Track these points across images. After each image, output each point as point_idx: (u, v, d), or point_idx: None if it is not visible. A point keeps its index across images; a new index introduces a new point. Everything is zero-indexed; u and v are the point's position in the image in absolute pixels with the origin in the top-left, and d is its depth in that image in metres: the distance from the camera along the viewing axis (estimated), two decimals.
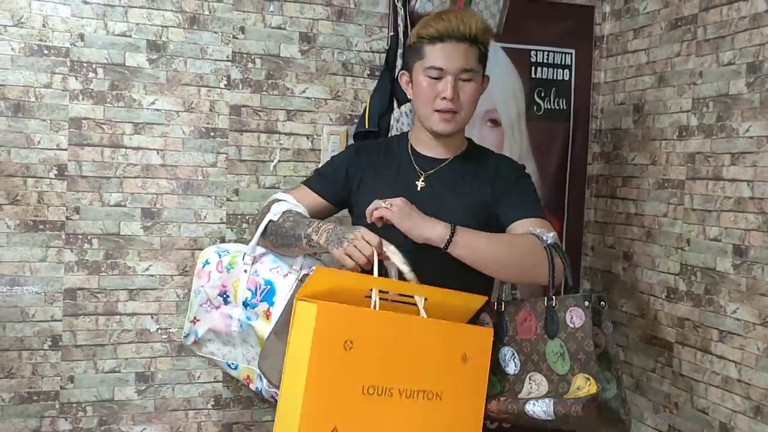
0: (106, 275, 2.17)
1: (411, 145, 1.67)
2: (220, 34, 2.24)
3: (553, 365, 1.40)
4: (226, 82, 2.25)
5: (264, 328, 1.62)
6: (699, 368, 2.15)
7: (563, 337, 1.39)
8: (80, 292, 2.15)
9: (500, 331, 1.47)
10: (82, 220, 2.14)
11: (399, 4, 2.31)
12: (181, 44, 2.20)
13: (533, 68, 2.57)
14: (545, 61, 2.59)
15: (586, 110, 2.65)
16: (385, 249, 1.39)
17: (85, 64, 2.11)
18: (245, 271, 1.66)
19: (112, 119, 2.15)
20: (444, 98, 1.53)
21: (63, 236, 2.13)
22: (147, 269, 2.21)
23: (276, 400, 1.57)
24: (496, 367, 1.45)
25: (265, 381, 1.62)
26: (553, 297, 1.42)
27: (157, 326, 2.23)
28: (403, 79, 1.66)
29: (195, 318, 1.75)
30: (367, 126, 2.26)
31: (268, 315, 1.63)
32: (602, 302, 1.43)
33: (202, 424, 2.30)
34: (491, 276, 1.53)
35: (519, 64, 2.53)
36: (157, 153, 2.20)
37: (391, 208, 1.45)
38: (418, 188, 1.60)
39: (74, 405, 2.16)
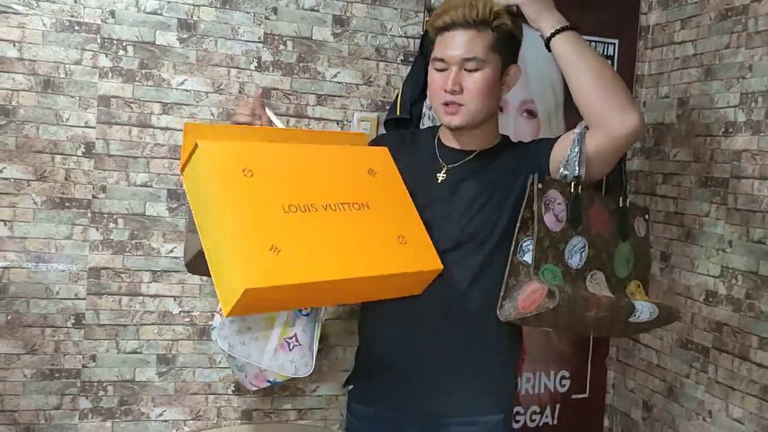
0: (130, 255, 2.16)
1: (438, 137, 1.60)
2: (252, 14, 2.20)
3: (616, 268, 1.38)
4: (256, 64, 2.22)
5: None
6: (736, 376, 2.05)
7: (633, 243, 1.38)
8: (104, 272, 2.14)
9: (576, 219, 1.37)
10: (108, 199, 2.13)
11: None
12: (213, 24, 2.17)
13: None
14: None
15: None
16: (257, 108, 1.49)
17: (115, 42, 2.09)
18: None
19: (141, 98, 2.13)
20: (446, 90, 1.43)
21: (89, 215, 2.12)
22: (171, 251, 2.19)
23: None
24: (558, 258, 1.35)
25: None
26: (626, 200, 1.42)
27: (180, 309, 2.21)
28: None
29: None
30: (398, 113, 2.20)
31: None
32: (648, 215, 1.49)
33: (222, 409, 2.28)
34: (581, 87, 1.39)
35: None
36: None
37: None
38: (439, 180, 1.52)
39: (95, 384, 2.16)
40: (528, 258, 1.36)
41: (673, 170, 2.36)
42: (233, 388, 2.28)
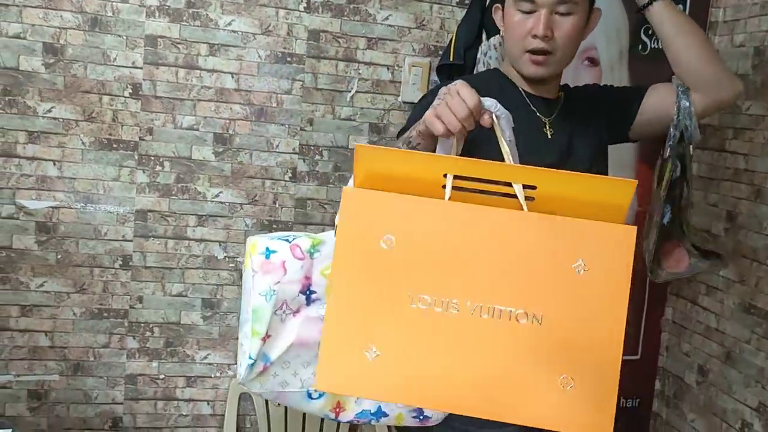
0: (176, 199, 2.15)
1: (519, 86, 1.41)
2: None
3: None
4: (305, 5, 2.14)
5: None
6: None
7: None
8: (151, 214, 2.14)
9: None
10: (154, 142, 2.11)
11: None
12: None
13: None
14: None
15: None
16: (487, 112, 1.04)
17: None
18: None
19: (188, 39, 2.09)
20: (535, 36, 1.29)
21: (136, 157, 2.11)
22: (217, 196, 2.17)
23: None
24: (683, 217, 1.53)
25: (364, 404, 1.27)
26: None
27: (225, 254, 2.20)
28: (497, 14, 1.42)
29: (267, 334, 1.20)
30: (452, 59, 2.11)
31: None
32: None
33: None
34: (683, 54, 1.40)
35: None
36: (232, 77, 2.13)
37: None
38: (549, 136, 1.38)
39: (142, 325, 2.19)
40: (666, 219, 1.49)
41: (745, 125, 2.21)
42: None
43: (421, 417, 1.30)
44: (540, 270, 0.90)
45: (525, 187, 0.94)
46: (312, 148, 2.21)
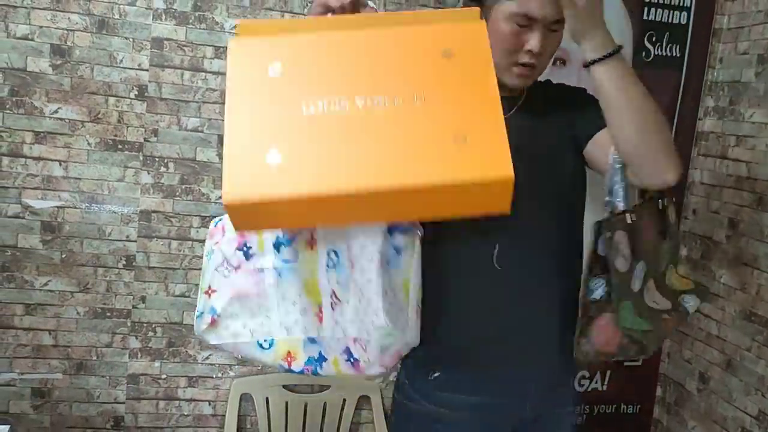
0: (180, 200, 2.17)
1: None
2: None
3: (659, 267, 1.36)
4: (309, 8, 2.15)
5: (310, 261, 1.30)
6: None
7: (670, 234, 1.36)
8: (155, 215, 2.16)
9: (636, 248, 1.30)
10: (159, 143, 2.13)
11: None
12: None
13: (646, 9, 2.32)
14: (661, 1, 2.33)
15: (702, 59, 2.38)
16: None
17: None
18: None
19: (194, 41, 2.11)
20: (529, 51, 1.27)
21: (140, 158, 2.13)
22: (221, 197, 2.18)
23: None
24: (629, 292, 1.32)
25: (309, 346, 1.33)
26: (665, 198, 1.34)
27: None
28: None
29: (210, 288, 1.34)
30: None
31: (312, 244, 1.29)
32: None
33: None
34: (617, 129, 1.23)
35: (630, 4, 2.30)
36: None
37: None
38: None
39: (144, 324, 2.20)
40: (597, 295, 1.34)
41: (747, 132, 2.21)
42: None
43: (352, 360, 1.34)
44: (412, 62, 1.04)
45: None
46: None
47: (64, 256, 2.11)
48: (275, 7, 2.13)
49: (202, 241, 2.14)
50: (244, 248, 1.32)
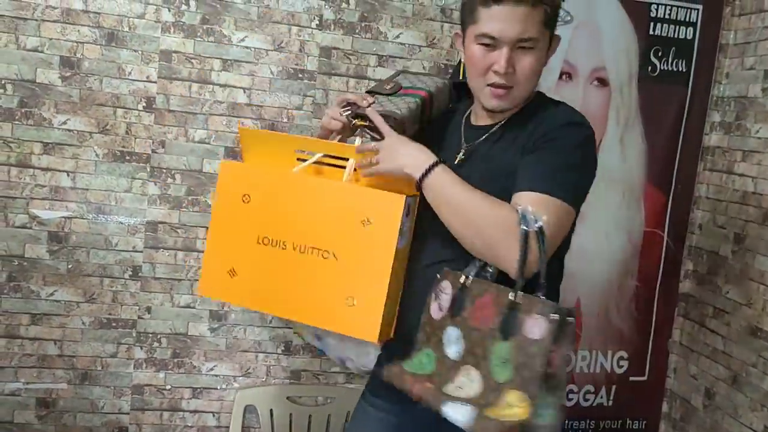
0: (186, 211, 2.18)
1: (469, 113, 1.45)
2: None
3: (493, 368, 1.18)
4: (318, 22, 2.17)
5: None
6: None
7: (515, 343, 1.16)
8: (161, 226, 2.17)
9: (456, 308, 1.25)
10: (167, 155, 2.14)
11: None
12: None
13: (652, 24, 2.33)
14: (667, 16, 2.34)
15: (708, 74, 2.39)
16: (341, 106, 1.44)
17: None
18: None
19: (202, 54, 2.12)
20: (496, 71, 1.28)
21: (148, 169, 2.14)
22: None
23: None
24: (437, 345, 1.26)
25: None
26: (520, 292, 1.18)
27: None
28: (458, 41, 1.41)
29: None
30: (461, 78, 2.13)
31: None
32: (570, 317, 1.17)
33: (271, 368, 2.29)
34: (450, 228, 1.26)
35: (636, 18, 2.30)
36: (244, 92, 2.16)
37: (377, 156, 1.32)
38: (456, 161, 1.38)
39: (150, 335, 2.20)
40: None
41: (754, 147, 2.21)
42: (283, 347, 2.29)
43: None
44: (340, 222, 1.33)
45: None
46: None
47: (70, 266, 2.12)
48: (283, 21, 2.15)
49: None
50: None
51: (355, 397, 1.60)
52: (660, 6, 2.32)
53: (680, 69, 2.38)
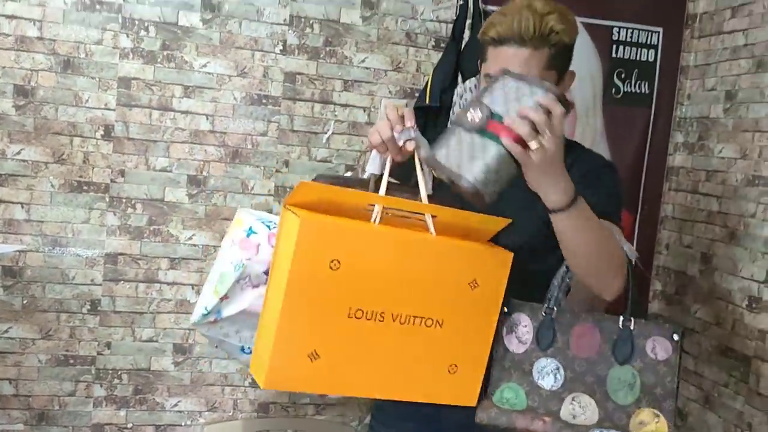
0: (148, 242, 2.11)
1: None
2: None
3: (613, 393, 1.23)
4: (281, 47, 2.14)
5: None
6: None
7: (639, 366, 1.23)
8: (121, 258, 2.10)
9: (543, 340, 1.27)
10: (126, 184, 2.08)
11: None
12: (237, 5, 2.09)
13: (614, 47, 2.35)
14: (629, 39, 2.36)
15: (670, 95, 2.41)
16: (409, 141, 1.16)
17: (137, 22, 2.03)
18: None
19: (162, 81, 2.07)
20: None
21: (107, 199, 2.07)
22: (190, 238, 2.13)
23: None
24: (523, 378, 1.27)
25: None
26: (632, 319, 1.24)
27: (198, 297, 2.15)
28: (479, 77, 1.43)
29: (225, 295, 1.49)
30: (428, 101, 2.12)
31: None
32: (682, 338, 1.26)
33: (238, 401, 2.22)
34: (572, 263, 1.26)
35: (599, 42, 2.32)
36: (207, 118, 2.11)
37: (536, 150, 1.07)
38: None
39: (110, 371, 2.12)
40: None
41: (717, 167, 2.23)
42: (251, 380, 2.22)
43: None
44: (447, 285, 1.15)
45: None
46: (288, 189, 2.18)
47: (25, 301, 2.04)
48: (246, 47, 2.11)
49: (171, 284, 2.10)
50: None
51: (326, 428, 1.56)
52: (622, 29, 2.34)
53: (643, 91, 2.40)
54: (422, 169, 1.20)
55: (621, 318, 1.24)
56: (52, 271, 2.05)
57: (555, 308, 1.28)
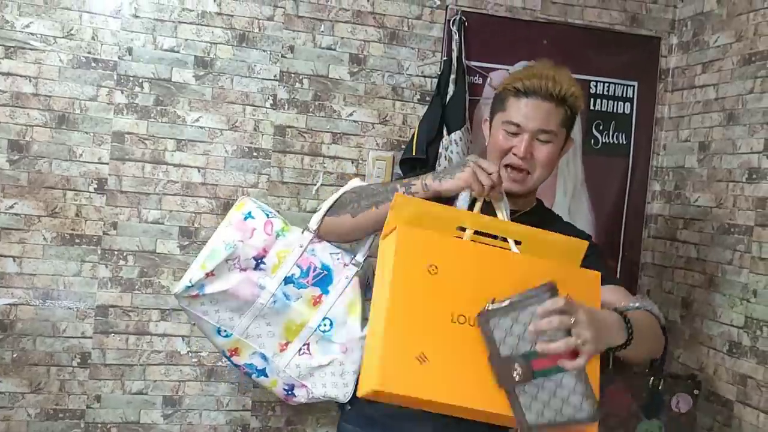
0: (139, 293, 2.12)
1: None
2: (268, 52, 2.18)
3: None
4: (272, 102, 2.20)
5: (305, 313, 1.52)
6: (761, 431, 1.97)
7: (664, 419, 1.34)
8: (112, 310, 2.10)
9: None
10: (119, 236, 2.10)
11: (454, 29, 2.24)
12: (229, 61, 2.15)
13: (592, 100, 2.45)
14: (606, 93, 2.46)
15: (647, 146, 2.51)
16: (500, 187, 1.34)
17: (131, 78, 2.08)
18: (301, 246, 1.54)
19: (156, 135, 2.12)
20: (515, 154, 1.44)
21: (99, 251, 2.09)
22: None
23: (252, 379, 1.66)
24: None
25: (257, 357, 1.61)
26: (660, 379, 1.37)
27: (188, 349, 2.16)
28: (485, 126, 1.57)
29: (212, 271, 1.53)
30: (414, 153, 2.18)
31: (316, 302, 1.53)
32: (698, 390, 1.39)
33: None
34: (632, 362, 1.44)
35: None
36: (198, 171, 2.15)
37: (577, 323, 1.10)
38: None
39: (99, 425, 2.11)
40: None
41: (694, 215, 2.31)
42: (240, 431, 2.22)
43: (290, 393, 1.65)
44: None
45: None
46: None
47: (15, 355, 2.03)
48: (237, 101, 2.17)
49: (161, 335, 2.11)
50: (259, 260, 1.53)
51: None
52: (599, 83, 2.44)
53: (620, 141, 2.49)
54: (501, 203, 1.35)
55: (651, 379, 1.35)
56: (43, 324, 2.05)
57: None
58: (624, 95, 2.48)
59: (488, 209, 1.36)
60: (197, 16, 2.12)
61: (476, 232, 1.25)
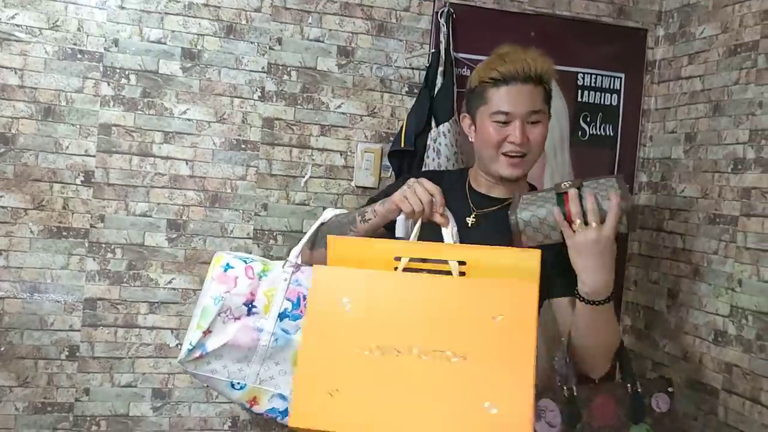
0: (127, 286, 2.12)
1: (469, 182, 1.60)
2: (256, 44, 2.18)
3: None
4: (260, 94, 2.19)
5: None
6: (746, 419, 2.00)
7: (650, 422, 1.39)
8: (100, 303, 2.10)
9: (572, 418, 1.38)
10: (106, 229, 2.09)
11: (442, 21, 2.24)
12: (216, 53, 2.15)
13: (580, 92, 2.46)
14: (593, 84, 2.47)
15: (633, 137, 2.52)
16: (441, 209, 1.36)
17: (118, 70, 2.07)
18: (285, 279, 1.54)
19: (142, 127, 2.11)
20: (512, 142, 1.46)
21: (86, 244, 2.08)
22: (170, 282, 2.15)
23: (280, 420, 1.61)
24: None
25: (276, 399, 1.57)
26: (636, 382, 1.41)
27: (177, 341, 2.16)
28: (465, 122, 1.57)
29: (208, 329, 1.53)
30: (402, 145, 2.18)
31: None
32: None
33: None
34: (576, 349, 1.42)
35: (565, 87, 2.42)
36: (186, 163, 2.14)
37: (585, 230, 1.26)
38: (469, 224, 1.52)
39: (88, 418, 2.10)
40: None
41: (680, 206, 2.33)
42: (229, 424, 2.22)
43: None
44: (464, 321, 1.14)
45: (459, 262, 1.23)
46: (266, 233, 2.22)
47: (2, 349, 2.02)
48: (225, 93, 2.16)
49: (150, 328, 2.10)
50: (250, 305, 1.53)
51: None
52: (586, 75, 2.45)
53: (608, 133, 2.50)
54: (448, 224, 1.39)
55: (628, 384, 1.40)
56: (30, 317, 2.04)
57: (573, 387, 1.40)
58: (611, 87, 2.49)
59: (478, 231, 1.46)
60: (184, 7, 2.11)
61: (418, 259, 1.26)
